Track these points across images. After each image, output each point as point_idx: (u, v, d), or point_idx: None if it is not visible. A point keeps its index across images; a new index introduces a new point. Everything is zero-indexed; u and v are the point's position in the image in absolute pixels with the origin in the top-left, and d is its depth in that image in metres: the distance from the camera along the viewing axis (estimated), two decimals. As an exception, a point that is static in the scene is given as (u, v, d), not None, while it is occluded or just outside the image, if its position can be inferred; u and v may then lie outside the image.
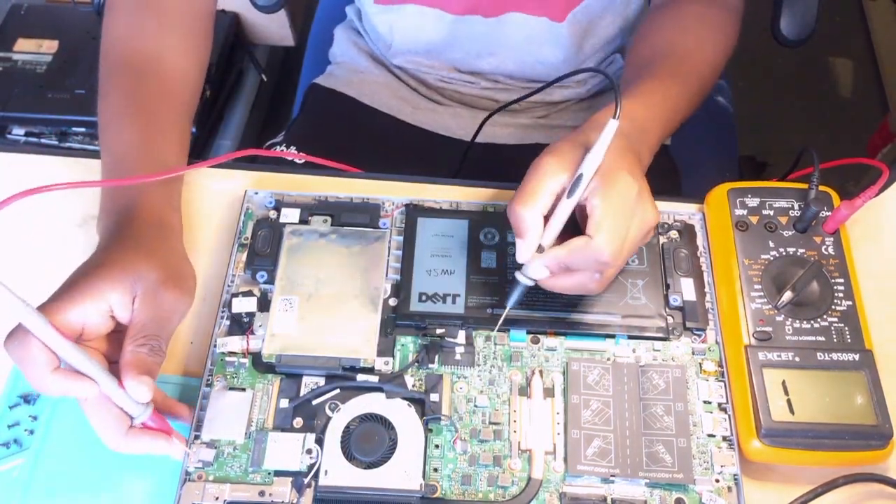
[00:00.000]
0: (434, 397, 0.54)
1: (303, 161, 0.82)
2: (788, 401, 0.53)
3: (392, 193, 0.64)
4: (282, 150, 0.83)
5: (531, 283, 0.53)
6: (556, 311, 0.57)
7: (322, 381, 0.55)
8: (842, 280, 0.57)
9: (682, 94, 0.62)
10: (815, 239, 0.59)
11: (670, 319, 0.58)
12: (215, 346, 0.56)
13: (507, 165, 0.83)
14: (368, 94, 0.87)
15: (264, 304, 0.58)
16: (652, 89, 0.60)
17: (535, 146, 0.85)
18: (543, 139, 0.85)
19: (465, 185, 0.67)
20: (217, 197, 0.66)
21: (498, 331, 0.57)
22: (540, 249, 0.51)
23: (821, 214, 0.59)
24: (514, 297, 0.54)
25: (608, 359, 0.56)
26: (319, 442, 0.52)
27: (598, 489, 0.52)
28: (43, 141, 1.09)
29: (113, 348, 0.51)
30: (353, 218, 0.62)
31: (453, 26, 0.79)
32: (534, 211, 0.50)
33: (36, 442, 0.55)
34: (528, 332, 0.57)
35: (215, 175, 0.68)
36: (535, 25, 0.78)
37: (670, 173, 0.88)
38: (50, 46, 1.14)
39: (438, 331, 0.56)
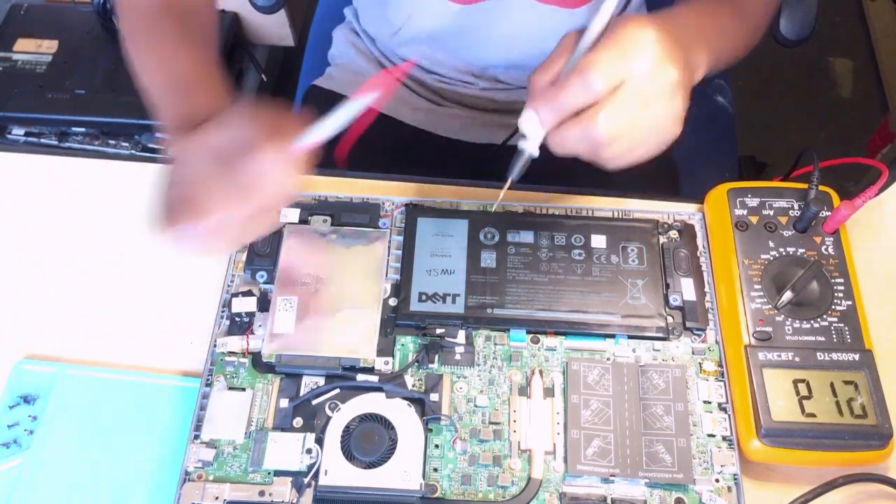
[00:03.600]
0: (434, 397, 0.54)
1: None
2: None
3: (392, 193, 0.64)
4: None
5: (532, 151, 0.51)
6: (556, 311, 0.57)
7: (322, 381, 0.55)
8: (842, 280, 0.57)
9: (736, 27, 0.60)
10: (815, 239, 0.59)
11: (670, 319, 0.58)
12: (215, 345, 0.56)
13: (507, 165, 0.84)
14: None
15: (264, 304, 0.58)
16: (704, 10, 0.57)
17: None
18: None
19: (465, 185, 0.67)
20: (217, 197, 0.66)
21: (497, 330, 0.57)
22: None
23: (821, 214, 0.59)
24: (517, 168, 0.52)
25: (608, 359, 0.56)
26: (319, 442, 0.52)
27: (598, 489, 0.52)
28: (43, 141, 1.09)
29: None
30: (353, 218, 0.62)
31: (459, 16, 0.79)
32: (542, 77, 0.49)
33: (36, 442, 0.55)
34: (528, 332, 0.57)
35: (215, 175, 0.68)
36: (545, 13, 0.77)
37: (670, 173, 0.88)
38: (50, 46, 1.14)
39: (438, 331, 0.56)
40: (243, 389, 0.55)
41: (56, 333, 0.60)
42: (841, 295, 0.57)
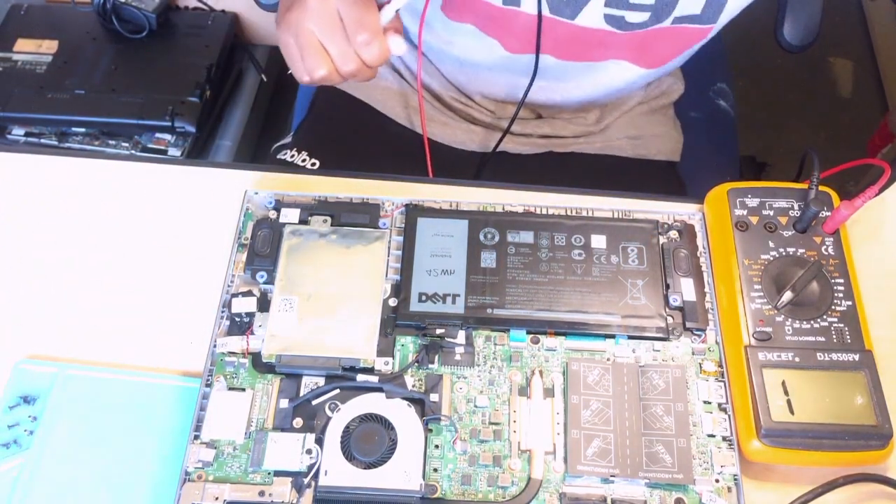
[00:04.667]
0: (434, 397, 0.54)
1: (316, 166, 0.82)
2: (788, 401, 0.53)
3: (392, 193, 0.64)
4: (292, 154, 0.83)
5: None
6: (556, 311, 0.57)
7: (322, 381, 0.55)
8: (842, 280, 0.57)
9: None
10: (814, 239, 0.59)
11: (670, 319, 0.58)
12: (215, 346, 0.56)
13: (517, 172, 0.84)
14: (381, 101, 0.87)
15: (264, 304, 0.58)
16: None
17: (547, 154, 0.85)
18: (557, 147, 0.85)
19: (464, 186, 0.67)
20: (217, 197, 0.66)
21: (497, 330, 0.57)
22: None
23: (821, 214, 0.59)
24: None
25: (608, 359, 0.56)
26: (319, 442, 0.52)
27: (598, 489, 0.52)
28: (43, 141, 1.09)
29: None
30: (352, 218, 0.62)
31: (506, 60, 0.77)
32: None
33: (36, 442, 0.55)
34: (528, 332, 0.57)
35: (215, 175, 0.69)
36: (615, 70, 0.78)
37: (671, 174, 0.88)
38: (50, 46, 1.14)
39: (438, 331, 0.56)
40: (243, 390, 0.55)
41: (56, 333, 0.60)
42: (841, 295, 0.57)
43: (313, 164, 0.82)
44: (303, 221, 0.62)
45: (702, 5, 0.67)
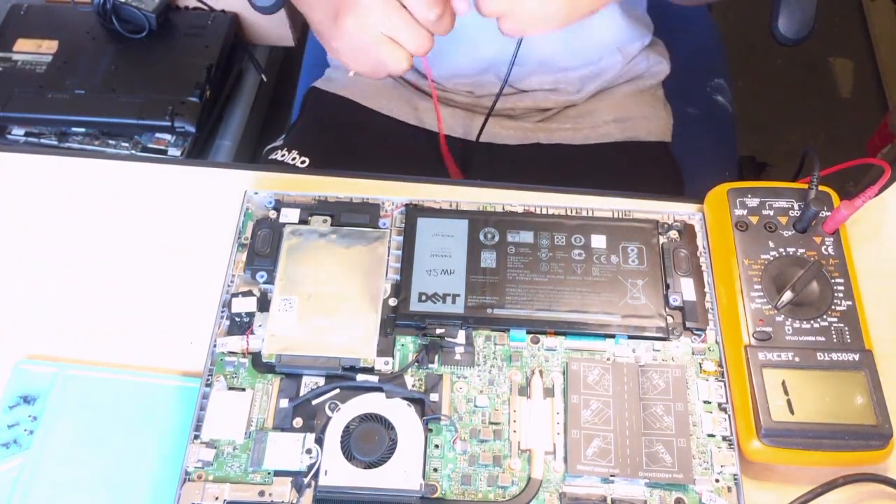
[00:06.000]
0: (434, 397, 0.54)
1: (305, 164, 0.82)
2: (788, 401, 0.53)
3: (392, 193, 0.64)
4: (283, 154, 0.83)
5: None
6: (556, 311, 0.57)
7: (322, 381, 0.55)
8: (842, 280, 0.57)
9: None
10: (814, 239, 0.59)
11: (670, 319, 0.58)
12: (215, 345, 0.56)
13: (508, 165, 0.84)
14: (370, 97, 0.87)
15: (264, 304, 0.58)
16: None
17: (535, 146, 0.85)
18: (544, 139, 0.85)
19: (465, 185, 0.67)
20: (217, 197, 0.66)
21: (497, 330, 0.57)
22: None
23: (820, 214, 0.59)
24: None
25: (608, 359, 0.56)
26: (319, 442, 0.52)
27: (597, 489, 0.52)
28: (43, 141, 1.09)
29: None
30: (352, 218, 0.62)
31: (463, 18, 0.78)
32: None
33: (36, 442, 0.55)
34: (528, 332, 0.57)
35: (215, 175, 0.69)
36: None
37: (670, 173, 0.88)
38: (50, 46, 1.14)
39: (438, 331, 0.56)
40: (243, 389, 0.55)
41: (56, 333, 0.60)
42: (841, 295, 0.57)
43: (303, 162, 0.82)
44: (303, 221, 0.62)
45: None
